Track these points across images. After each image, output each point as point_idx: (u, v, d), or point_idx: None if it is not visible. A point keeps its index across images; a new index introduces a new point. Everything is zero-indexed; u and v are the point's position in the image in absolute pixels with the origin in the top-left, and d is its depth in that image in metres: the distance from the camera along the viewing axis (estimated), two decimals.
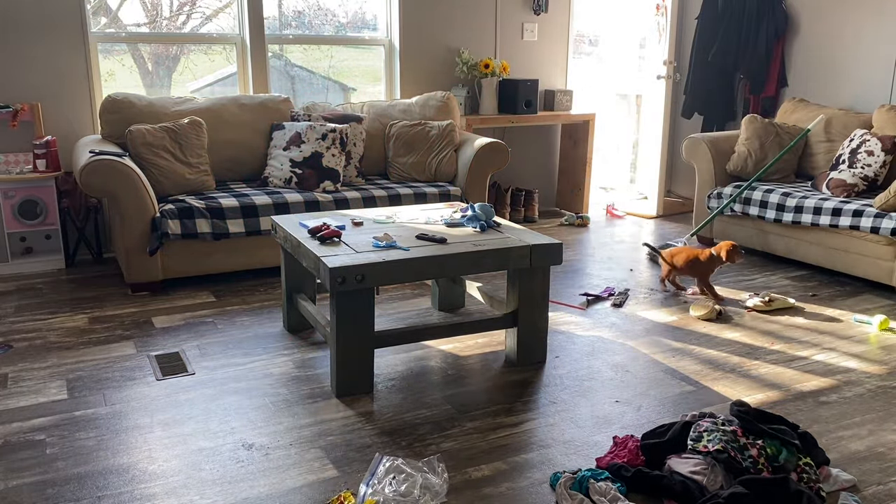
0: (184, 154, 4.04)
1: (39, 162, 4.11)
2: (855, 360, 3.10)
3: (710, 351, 3.19)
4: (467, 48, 5.33)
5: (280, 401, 2.69)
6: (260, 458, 2.31)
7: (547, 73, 5.69)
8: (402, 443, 2.42)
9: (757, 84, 5.36)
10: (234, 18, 4.80)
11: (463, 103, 5.22)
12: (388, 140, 4.67)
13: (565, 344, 3.25)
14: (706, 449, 2.16)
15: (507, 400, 2.72)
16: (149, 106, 4.22)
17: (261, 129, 4.43)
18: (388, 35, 5.20)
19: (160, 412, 2.60)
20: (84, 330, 3.34)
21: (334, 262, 2.57)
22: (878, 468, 2.29)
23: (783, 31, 5.21)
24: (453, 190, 4.42)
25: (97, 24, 4.52)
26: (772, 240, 4.44)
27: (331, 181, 4.18)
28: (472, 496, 2.13)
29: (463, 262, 2.75)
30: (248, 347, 3.16)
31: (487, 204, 3.16)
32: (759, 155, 4.59)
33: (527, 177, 5.84)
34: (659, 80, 5.57)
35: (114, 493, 2.13)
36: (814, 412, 2.65)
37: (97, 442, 2.40)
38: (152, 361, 3.01)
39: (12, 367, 2.95)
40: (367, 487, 2.08)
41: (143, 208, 3.73)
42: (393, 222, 3.18)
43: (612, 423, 2.55)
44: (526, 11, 5.49)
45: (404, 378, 2.89)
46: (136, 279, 3.80)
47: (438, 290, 3.61)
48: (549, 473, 2.24)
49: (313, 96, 5.21)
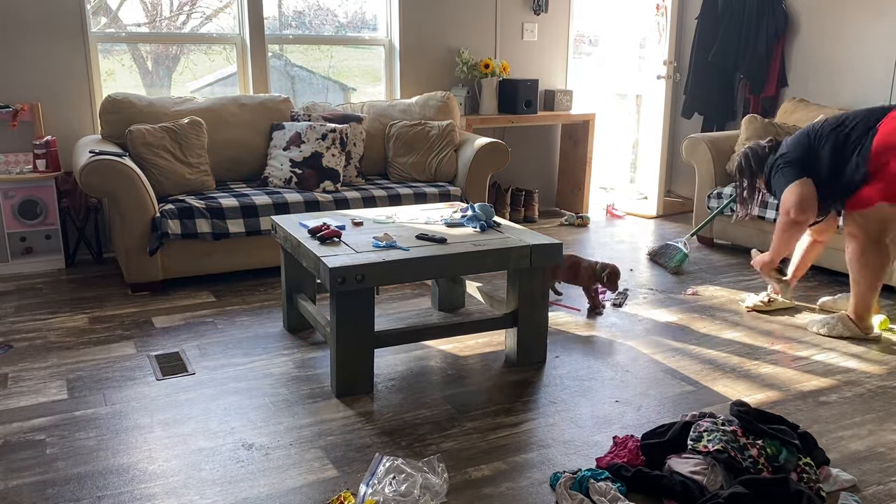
0: (184, 154, 4.04)
1: (39, 162, 4.11)
2: (855, 360, 3.10)
3: (710, 351, 3.19)
4: (467, 48, 5.34)
5: (280, 401, 2.69)
6: (260, 458, 2.31)
7: (547, 73, 5.69)
8: (402, 443, 2.42)
9: (757, 84, 5.36)
10: (234, 18, 4.80)
11: (463, 103, 5.22)
12: (388, 140, 4.67)
13: (565, 344, 3.25)
14: (706, 449, 2.16)
15: (507, 400, 2.72)
16: (149, 106, 4.22)
17: (261, 129, 4.43)
18: (388, 35, 5.20)
19: (160, 412, 2.60)
20: (84, 330, 3.34)
21: (334, 262, 2.57)
22: (878, 468, 2.29)
23: (783, 31, 5.21)
24: (453, 190, 4.42)
25: (97, 23, 4.52)
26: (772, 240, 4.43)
27: (331, 181, 4.18)
28: (472, 496, 2.13)
29: (463, 262, 2.75)
30: (248, 347, 3.17)
31: (487, 204, 3.17)
32: None
33: (527, 177, 5.84)
34: (659, 80, 5.57)
35: (114, 493, 2.13)
36: (814, 412, 2.65)
37: (97, 442, 2.40)
38: (152, 361, 3.01)
39: (12, 367, 2.95)
40: (367, 487, 2.08)
41: (143, 208, 3.74)
42: (393, 222, 3.18)
43: (612, 423, 2.56)
44: (526, 11, 5.50)
45: (404, 378, 2.89)
46: (136, 279, 3.80)
47: (438, 290, 3.61)
48: (549, 473, 2.24)
49: (313, 96, 5.21)
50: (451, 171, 4.56)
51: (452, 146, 4.60)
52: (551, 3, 5.55)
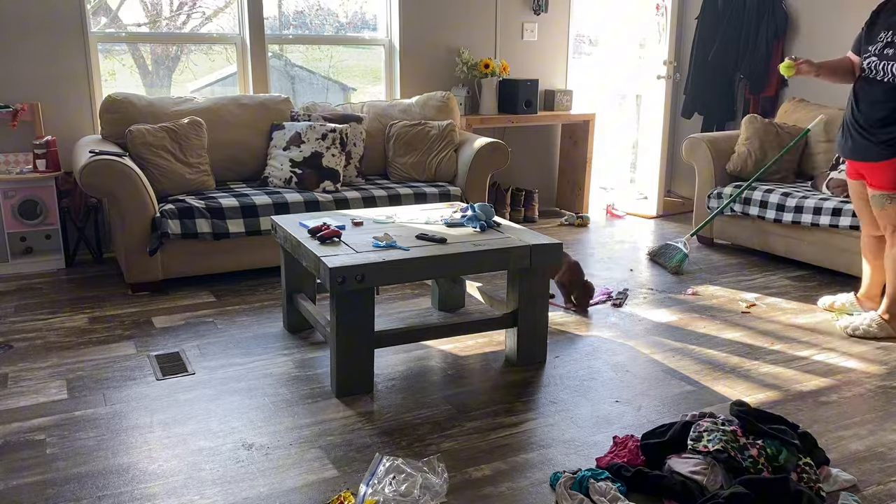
0: (184, 154, 4.04)
1: (39, 162, 4.11)
2: (855, 360, 3.10)
3: (710, 351, 3.19)
4: (467, 48, 5.33)
5: (280, 401, 2.69)
6: (260, 458, 2.31)
7: (547, 73, 5.69)
8: (402, 443, 2.42)
9: (757, 84, 5.36)
10: (234, 18, 4.80)
11: (463, 103, 5.22)
12: (388, 140, 4.67)
13: (565, 344, 3.25)
14: (706, 449, 2.16)
15: (507, 400, 2.72)
16: (149, 106, 4.22)
17: (261, 129, 4.43)
18: (388, 35, 5.20)
19: (160, 412, 2.60)
20: (84, 330, 3.34)
21: (334, 262, 2.57)
22: (878, 468, 2.29)
23: (783, 31, 5.21)
24: (453, 190, 4.42)
25: (97, 24, 4.52)
26: (772, 240, 4.44)
27: (331, 181, 4.18)
28: (472, 496, 2.13)
29: (463, 262, 2.75)
30: (248, 347, 3.17)
31: (487, 204, 3.16)
32: (759, 155, 4.59)
33: (527, 177, 5.84)
34: (659, 80, 5.56)
35: (114, 493, 2.13)
36: (814, 412, 2.65)
37: (97, 442, 2.40)
38: (152, 361, 3.01)
39: (12, 367, 2.95)
40: (367, 487, 2.08)
41: (143, 208, 3.74)
42: (393, 222, 3.18)
43: (612, 423, 2.55)
44: (526, 11, 5.50)
45: (404, 378, 2.89)
46: (136, 279, 3.80)
47: (438, 290, 3.61)
48: (549, 473, 2.24)
49: (313, 96, 5.21)
50: (451, 171, 4.56)
51: (452, 146, 4.60)
52: (551, 3, 5.55)
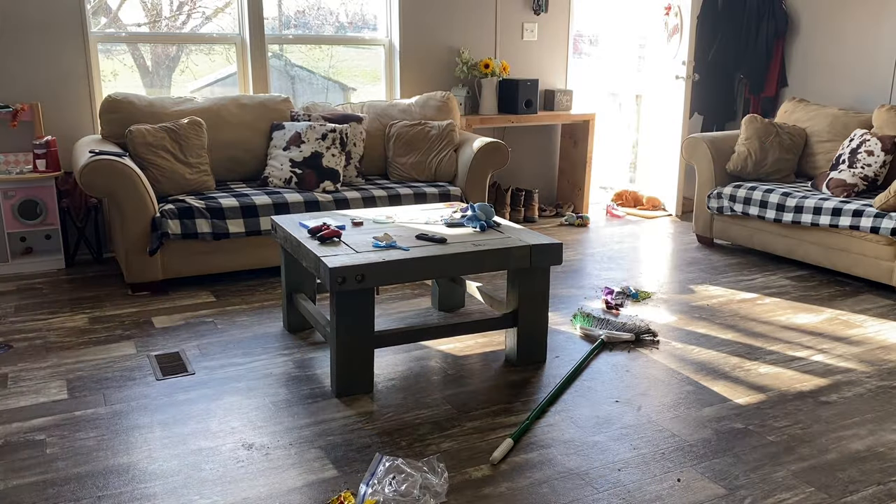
0: (184, 154, 4.05)
1: (39, 162, 4.11)
2: (855, 360, 3.10)
3: (710, 351, 3.19)
4: (467, 48, 5.34)
5: (280, 401, 2.69)
6: (260, 458, 2.31)
7: (547, 73, 5.69)
8: (402, 443, 2.42)
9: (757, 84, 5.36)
10: (234, 18, 4.80)
11: (463, 103, 5.22)
12: (388, 140, 4.67)
13: (565, 344, 3.25)
14: None
15: (507, 400, 2.72)
16: (149, 106, 4.22)
17: (261, 129, 4.43)
18: (388, 35, 5.20)
19: (160, 412, 2.60)
20: (84, 330, 3.34)
21: (334, 262, 2.57)
22: (878, 468, 2.29)
23: (783, 31, 5.22)
24: (453, 190, 4.42)
25: (97, 24, 4.52)
26: (772, 240, 4.44)
27: (331, 181, 4.18)
28: (472, 496, 2.13)
29: (463, 262, 2.75)
30: (248, 347, 3.17)
31: (487, 204, 3.17)
32: (758, 155, 4.59)
33: (527, 177, 5.84)
34: (678, 80, 5.50)
35: (114, 493, 2.13)
36: (814, 412, 2.65)
37: (97, 442, 2.40)
38: (152, 361, 3.01)
39: (12, 367, 2.95)
40: (367, 487, 2.08)
41: (143, 208, 3.74)
42: (393, 222, 3.18)
43: (612, 423, 2.56)
44: (526, 11, 5.50)
45: (404, 378, 2.89)
46: (136, 279, 3.80)
47: (438, 290, 3.61)
48: (549, 473, 2.24)
49: (313, 96, 5.21)
50: (451, 171, 4.56)
51: (452, 146, 4.60)
52: (551, 3, 5.55)
